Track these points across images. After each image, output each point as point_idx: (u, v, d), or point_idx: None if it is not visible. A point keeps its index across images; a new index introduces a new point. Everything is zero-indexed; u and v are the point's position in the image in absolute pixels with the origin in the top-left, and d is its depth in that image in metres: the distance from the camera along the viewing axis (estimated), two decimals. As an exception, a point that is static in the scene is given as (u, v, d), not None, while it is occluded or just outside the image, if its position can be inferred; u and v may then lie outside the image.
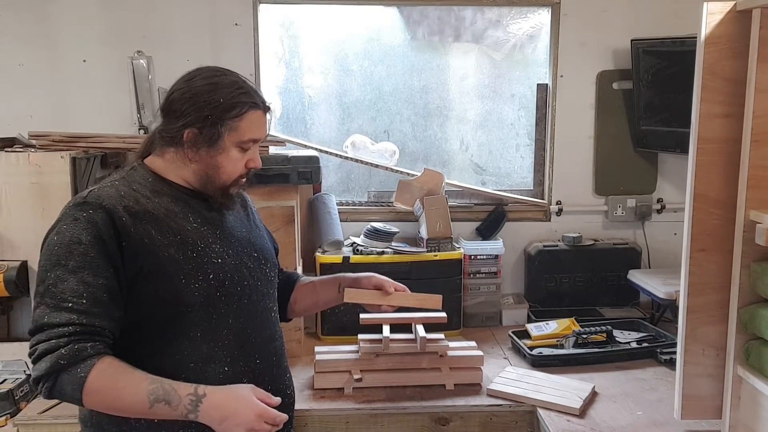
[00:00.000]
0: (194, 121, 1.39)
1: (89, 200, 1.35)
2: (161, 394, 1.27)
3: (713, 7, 1.50)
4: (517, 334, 2.31)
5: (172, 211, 1.42)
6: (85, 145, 2.18)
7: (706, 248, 1.59)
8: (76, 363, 1.25)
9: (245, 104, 1.41)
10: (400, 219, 2.67)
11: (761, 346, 1.51)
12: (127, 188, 1.41)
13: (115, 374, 1.28)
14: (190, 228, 1.42)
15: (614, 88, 2.70)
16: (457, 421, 1.89)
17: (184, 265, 1.37)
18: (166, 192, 1.44)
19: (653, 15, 2.64)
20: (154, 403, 1.26)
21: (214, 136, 1.40)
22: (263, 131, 1.47)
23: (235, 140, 1.42)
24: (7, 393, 1.92)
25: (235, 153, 1.43)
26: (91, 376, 1.25)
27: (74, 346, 1.25)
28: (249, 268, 1.49)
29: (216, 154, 1.42)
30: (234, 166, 1.44)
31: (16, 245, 2.07)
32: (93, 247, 1.30)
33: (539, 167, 2.83)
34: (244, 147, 1.43)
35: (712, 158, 1.56)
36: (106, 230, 1.32)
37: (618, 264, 2.65)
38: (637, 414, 1.82)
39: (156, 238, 1.37)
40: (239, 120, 1.40)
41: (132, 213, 1.36)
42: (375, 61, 2.80)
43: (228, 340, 1.41)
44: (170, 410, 1.28)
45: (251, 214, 1.65)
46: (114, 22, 2.59)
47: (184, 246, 1.39)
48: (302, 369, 2.11)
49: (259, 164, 1.48)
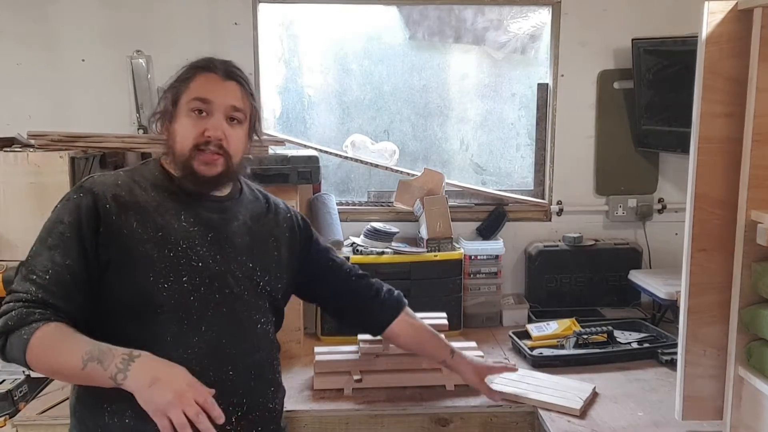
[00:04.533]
0: (161, 97, 1.45)
1: (84, 184, 1.40)
2: (96, 354, 1.23)
3: (714, 6, 1.49)
4: (518, 335, 2.31)
5: (163, 207, 1.41)
6: (84, 144, 2.17)
7: (707, 248, 1.58)
8: (21, 326, 1.26)
9: (196, 66, 1.44)
10: (400, 219, 2.67)
11: (762, 346, 1.50)
12: (127, 178, 1.43)
13: (58, 336, 1.27)
14: (177, 226, 1.40)
15: (615, 88, 2.70)
16: (458, 422, 1.89)
17: (157, 264, 1.36)
18: (166, 187, 1.44)
19: (654, 14, 2.63)
20: (87, 363, 1.22)
21: (170, 107, 1.42)
22: (218, 94, 1.41)
23: (185, 102, 1.41)
24: (5, 393, 1.91)
25: (186, 118, 1.41)
26: (34, 337, 1.25)
27: (22, 311, 1.27)
28: (236, 277, 1.45)
29: (174, 122, 1.43)
30: (186, 131, 1.40)
31: (14, 245, 2.07)
32: (71, 228, 1.34)
33: (540, 167, 2.83)
34: (193, 108, 1.40)
35: (713, 158, 1.55)
36: (87, 214, 1.35)
37: (619, 264, 2.65)
38: (638, 415, 1.82)
39: (136, 231, 1.36)
40: (189, 82, 1.42)
41: (120, 202, 1.37)
42: (375, 61, 2.80)
43: (199, 348, 1.37)
44: (102, 371, 1.22)
45: (274, 227, 1.59)
46: (113, 21, 2.59)
47: (162, 243, 1.37)
48: (302, 369, 2.11)
49: (218, 134, 1.40)
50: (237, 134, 1.45)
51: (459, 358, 1.80)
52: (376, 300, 1.76)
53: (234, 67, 1.48)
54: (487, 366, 1.83)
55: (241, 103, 1.45)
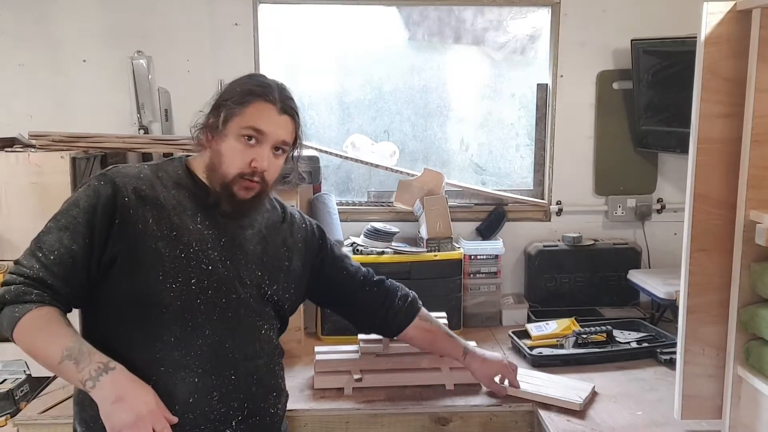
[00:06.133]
0: (212, 109, 1.44)
1: (108, 173, 1.41)
2: (75, 353, 1.24)
3: (713, 6, 1.50)
4: (517, 334, 2.31)
5: (182, 206, 1.42)
6: (85, 145, 2.18)
7: (706, 248, 1.58)
8: (16, 302, 1.29)
9: (255, 93, 1.42)
10: (400, 219, 2.67)
11: (761, 346, 1.50)
12: (151, 173, 1.44)
13: (46, 324, 1.28)
14: (192, 227, 1.41)
15: (614, 88, 2.70)
16: (457, 422, 1.89)
17: (166, 263, 1.36)
18: (188, 187, 1.45)
19: (653, 15, 2.63)
20: (64, 359, 1.24)
21: (221, 121, 1.41)
22: (272, 127, 1.42)
23: (238, 126, 1.41)
24: (7, 393, 1.92)
25: (236, 142, 1.41)
26: (25, 317, 1.27)
27: (21, 288, 1.30)
28: (244, 284, 1.46)
29: (220, 140, 1.42)
30: (234, 155, 1.41)
31: (15, 245, 2.07)
32: (84, 213, 1.35)
33: (539, 167, 2.83)
34: (245, 135, 1.40)
35: (713, 158, 1.55)
36: (105, 203, 1.36)
37: (618, 264, 2.65)
38: (637, 414, 1.82)
39: (150, 227, 1.37)
40: (245, 107, 1.41)
41: (139, 196, 1.39)
42: (375, 61, 2.80)
43: (202, 351, 1.38)
44: (75, 371, 1.24)
45: (287, 237, 1.60)
46: (114, 22, 2.59)
47: (175, 243, 1.38)
48: (302, 369, 2.11)
49: (263, 166, 1.41)
50: (279, 164, 1.48)
51: (471, 358, 1.89)
52: (390, 309, 1.80)
53: (289, 98, 1.48)
54: (494, 369, 1.90)
55: (290, 138, 1.47)
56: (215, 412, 1.40)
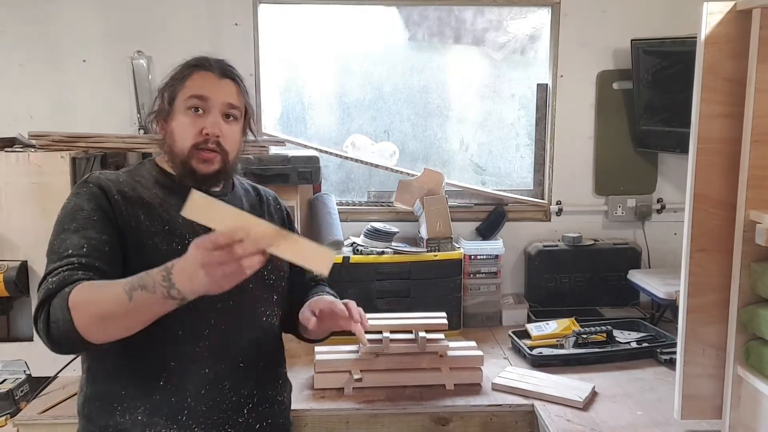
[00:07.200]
0: (158, 95, 1.46)
1: (89, 180, 1.41)
2: (136, 282, 1.18)
3: (713, 7, 1.50)
4: (517, 334, 2.31)
5: (167, 202, 1.43)
6: (85, 145, 2.18)
7: (706, 248, 1.58)
8: (63, 287, 1.22)
9: (191, 65, 1.45)
10: (400, 219, 2.67)
11: (761, 346, 1.51)
12: (128, 178, 1.45)
13: (96, 285, 1.23)
14: (183, 220, 1.39)
15: (614, 88, 2.71)
16: (457, 421, 1.89)
17: (166, 257, 1.33)
18: (168, 185, 1.46)
19: (653, 15, 2.64)
20: (131, 293, 1.16)
21: (166, 102, 1.43)
22: (214, 91, 1.42)
23: (182, 101, 1.42)
24: (7, 393, 1.92)
25: (184, 117, 1.42)
26: (74, 291, 1.20)
27: (64, 274, 1.24)
28: None
29: (171, 121, 1.44)
30: (184, 129, 1.41)
31: (15, 245, 2.07)
32: (95, 212, 1.34)
33: (539, 167, 2.83)
34: (190, 106, 1.41)
35: (712, 158, 1.56)
36: (104, 203, 1.36)
37: (618, 264, 2.65)
38: (637, 414, 1.82)
39: (144, 223, 1.38)
40: (184, 81, 1.43)
41: (125, 196, 1.39)
42: (375, 61, 2.80)
43: (210, 340, 1.40)
44: (149, 294, 1.16)
45: (269, 218, 1.58)
46: (114, 22, 2.59)
47: (170, 237, 1.39)
48: (302, 369, 2.11)
49: (215, 131, 1.41)
50: (233, 131, 1.47)
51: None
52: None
53: (228, 65, 1.50)
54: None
55: (236, 101, 1.47)
56: (227, 401, 1.42)
